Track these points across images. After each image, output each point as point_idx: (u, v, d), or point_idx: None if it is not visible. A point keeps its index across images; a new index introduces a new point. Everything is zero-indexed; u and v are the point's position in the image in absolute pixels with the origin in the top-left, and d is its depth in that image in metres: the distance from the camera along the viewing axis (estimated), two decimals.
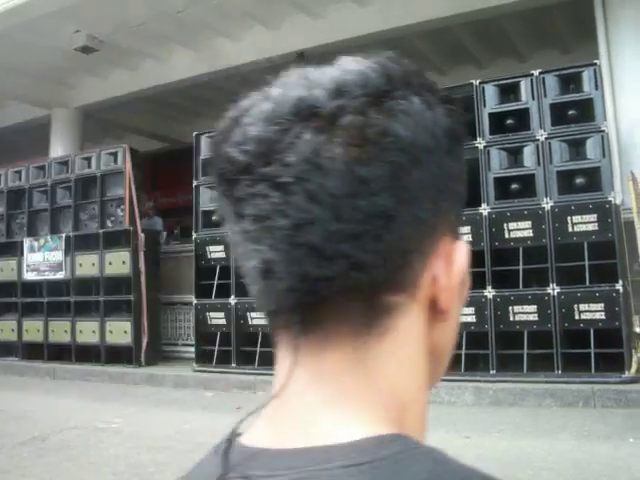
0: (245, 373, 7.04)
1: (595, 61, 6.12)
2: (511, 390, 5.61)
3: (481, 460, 3.90)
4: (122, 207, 8.62)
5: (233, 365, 7.26)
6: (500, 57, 11.65)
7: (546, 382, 5.63)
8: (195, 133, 7.94)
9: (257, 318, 7.15)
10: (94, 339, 8.51)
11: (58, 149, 12.47)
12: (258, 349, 7.14)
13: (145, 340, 8.23)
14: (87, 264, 8.71)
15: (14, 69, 11.01)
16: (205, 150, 7.83)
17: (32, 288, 9.33)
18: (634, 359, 5.53)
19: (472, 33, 10.63)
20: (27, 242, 9.35)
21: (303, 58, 10.35)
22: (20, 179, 9.73)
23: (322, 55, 8.06)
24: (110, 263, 8.49)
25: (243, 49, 10.44)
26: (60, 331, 8.87)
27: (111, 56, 10.78)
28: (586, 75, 6.01)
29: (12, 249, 9.63)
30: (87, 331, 8.61)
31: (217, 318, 7.48)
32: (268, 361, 6.97)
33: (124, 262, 8.38)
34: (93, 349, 8.58)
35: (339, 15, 9.54)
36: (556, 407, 5.37)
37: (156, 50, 10.87)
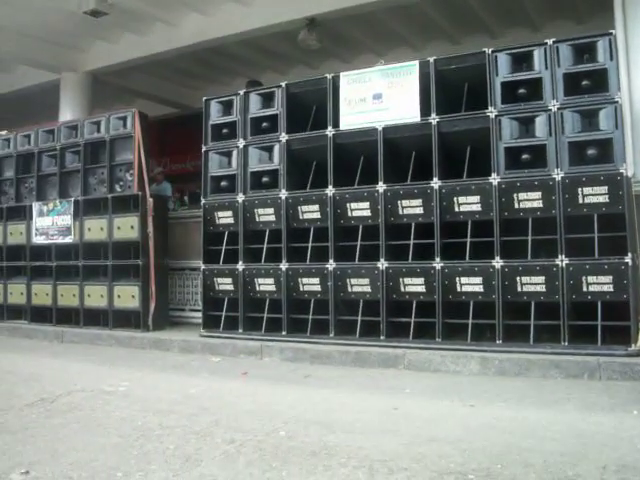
0: (252, 339, 7.05)
1: (611, 31, 6.01)
2: (517, 361, 5.60)
3: (484, 428, 3.92)
4: (131, 172, 8.59)
5: (240, 331, 7.28)
6: (513, 26, 11.56)
7: (552, 353, 5.62)
8: (205, 98, 7.88)
9: (265, 284, 7.18)
10: (102, 303, 8.55)
11: (67, 113, 12.48)
12: (265, 315, 7.16)
13: (153, 305, 8.26)
14: (96, 228, 8.71)
15: (23, 32, 10.98)
16: (214, 115, 7.79)
17: (41, 252, 9.35)
18: None
19: (485, 1, 10.51)
20: (36, 206, 9.35)
21: (314, 24, 10.28)
22: (29, 143, 9.68)
23: (332, 21, 8.09)
24: (119, 228, 8.49)
25: (253, 14, 10.38)
26: (68, 295, 8.90)
27: (121, 20, 10.73)
28: (601, 45, 5.91)
29: (21, 213, 9.65)
30: (95, 295, 8.64)
31: (225, 284, 7.48)
32: (275, 327, 7.03)
33: (132, 227, 8.38)
34: (101, 313, 8.62)
35: None
36: (561, 378, 5.36)
37: (166, 14, 10.81)
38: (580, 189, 5.79)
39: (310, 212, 7.04)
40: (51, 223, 9.16)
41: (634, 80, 7.21)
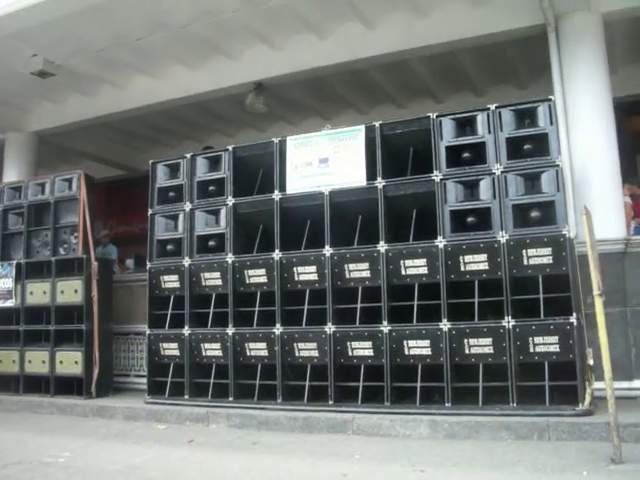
0: (198, 405, 6.91)
1: (550, 97, 6.20)
2: (466, 423, 5.58)
3: None
4: (76, 235, 8.46)
5: (186, 397, 7.12)
6: (457, 91, 11.82)
7: (501, 415, 5.62)
8: (151, 161, 7.86)
9: (211, 349, 7.07)
10: (44, 369, 8.29)
11: (11, 174, 12.25)
12: (212, 381, 7.03)
13: (96, 371, 8.04)
14: (38, 292, 8.51)
15: None
16: (161, 178, 7.75)
17: None
18: (587, 392, 5.55)
19: (429, 67, 10.76)
20: None
21: (261, 88, 10.38)
22: None
23: (279, 86, 8.18)
24: (62, 292, 8.32)
25: (201, 78, 10.42)
26: (8, 361, 8.61)
27: (68, 81, 10.66)
28: (541, 110, 6.10)
29: None
30: (36, 361, 8.38)
31: (170, 349, 7.34)
32: (221, 393, 6.91)
33: (76, 291, 8.21)
34: (42, 380, 8.35)
35: (298, 46, 9.57)
36: (511, 440, 5.36)
37: (114, 76, 10.78)
38: (525, 251, 5.88)
39: (257, 276, 6.99)
40: None
41: (573, 143, 7.40)
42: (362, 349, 6.36)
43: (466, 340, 5.94)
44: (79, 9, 8.09)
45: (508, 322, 5.79)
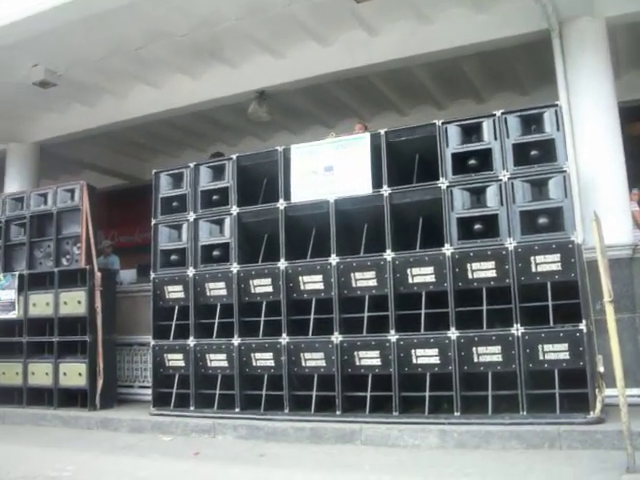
0: (204, 417, 6.85)
1: (556, 102, 6.17)
2: (476, 432, 5.52)
3: None
4: (78, 245, 8.42)
5: (192, 408, 7.06)
6: (460, 98, 11.84)
7: (511, 424, 5.55)
8: (154, 171, 7.81)
9: (216, 360, 7.01)
10: (47, 381, 8.22)
11: (13, 185, 12.23)
12: (217, 392, 6.97)
13: (100, 382, 7.98)
14: (41, 304, 8.46)
15: None
16: (164, 188, 7.71)
17: None
18: (598, 399, 5.49)
19: (431, 74, 10.78)
20: None
21: (264, 96, 10.37)
22: None
23: (282, 94, 8.17)
24: (65, 303, 8.26)
25: (202, 86, 10.42)
26: (11, 373, 8.55)
27: (69, 91, 10.65)
28: (547, 116, 6.06)
29: None
30: (40, 373, 8.32)
31: (175, 360, 7.28)
32: (227, 404, 6.85)
33: (80, 302, 8.15)
34: (46, 392, 8.28)
35: (300, 54, 9.58)
36: (522, 449, 5.29)
37: (115, 86, 10.78)
38: (533, 258, 5.83)
39: (262, 286, 6.94)
40: None
41: (579, 148, 7.39)
42: (369, 358, 6.30)
43: (475, 348, 5.88)
44: (78, 18, 8.09)
45: (517, 330, 5.74)
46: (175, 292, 7.44)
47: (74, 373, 8.08)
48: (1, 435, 7.46)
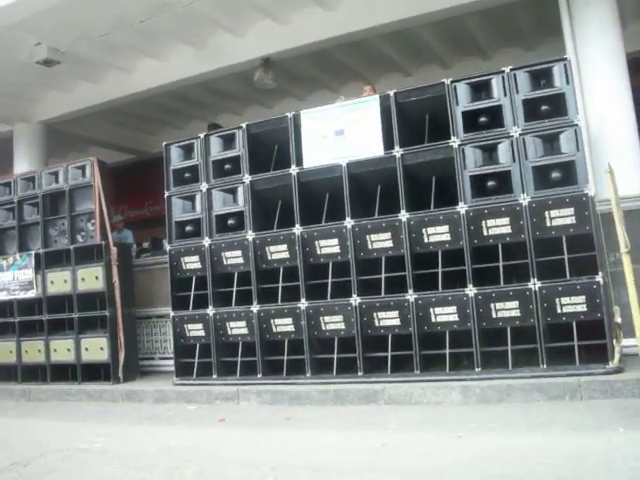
0: (227, 384, 6.94)
1: (565, 56, 6.14)
2: (498, 387, 5.59)
3: (476, 459, 3.88)
4: (92, 221, 8.47)
5: (214, 376, 7.15)
6: (464, 56, 11.78)
7: (532, 377, 5.62)
8: (164, 143, 7.81)
9: (237, 328, 7.08)
10: (70, 357, 8.35)
11: (22, 165, 12.29)
12: (239, 359, 7.06)
13: (122, 356, 8.10)
14: (59, 281, 8.55)
15: None
16: (175, 160, 7.73)
17: (2, 308, 9.11)
18: (616, 349, 5.55)
19: (435, 33, 10.72)
20: None
21: (268, 63, 10.34)
22: None
23: (286, 60, 8.14)
24: (83, 279, 8.34)
25: (207, 57, 10.40)
26: (33, 351, 8.68)
27: (74, 68, 10.65)
28: (556, 70, 6.02)
29: None
30: (62, 349, 8.44)
31: (195, 330, 7.35)
32: (250, 371, 6.93)
33: (97, 277, 8.24)
34: (69, 367, 8.42)
35: (304, 19, 9.53)
36: (543, 401, 5.35)
37: (119, 60, 10.77)
38: (547, 212, 5.84)
39: (278, 252, 6.98)
40: (12, 278, 8.97)
41: (589, 101, 7.37)
42: (389, 319, 6.35)
43: (493, 304, 5.92)
44: None
45: (534, 284, 5.77)
46: (192, 262, 7.49)
47: (96, 348, 8.19)
48: (29, 411, 7.57)
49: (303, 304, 6.70)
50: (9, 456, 5.07)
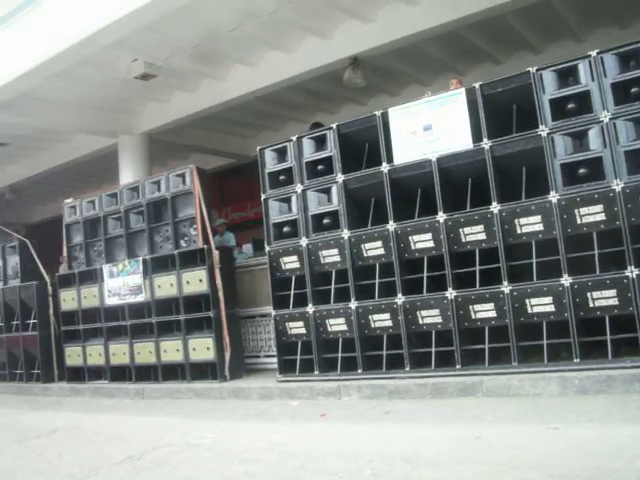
0: (329, 380, 7.10)
1: None
2: (597, 378, 5.49)
3: (571, 451, 3.86)
4: (194, 227, 8.80)
5: (316, 373, 7.32)
6: (556, 40, 11.51)
7: (633, 367, 5.47)
8: (259, 148, 8.01)
9: (336, 325, 7.22)
10: (178, 357, 8.72)
11: (127, 175, 12.85)
12: (340, 355, 7.20)
13: (228, 355, 8.40)
14: (165, 285, 8.93)
15: (80, 103, 11.45)
16: (270, 163, 7.94)
17: (115, 312, 9.61)
18: None
19: (524, 19, 10.53)
20: (106, 268, 9.63)
21: (357, 62, 10.43)
22: (94, 208, 10.02)
23: (375, 58, 8.19)
24: (187, 282, 8.68)
25: (297, 60, 10.59)
26: (145, 352, 9.11)
27: (170, 80, 11.07)
28: None
29: (93, 276, 9.95)
30: (171, 350, 8.82)
31: (296, 327, 7.54)
32: (350, 366, 7.06)
33: (201, 280, 8.55)
34: (178, 367, 8.81)
35: (389, 16, 9.59)
36: None
37: (212, 69, 11.11)
38: None
39: (373, 249, 7.08)
40: (122, 283, 9.41)
41: None
42: (485, 311, 6.34)
43: (589, 293, 5.82)
44: (173, 10, 8.37)
45: (631, 272, 5.62)
46: (290, 262, 7.67)
47: (202, 348, 8.51)
48: (143, 408, 7.98)
49: (400, 299, 6.78)
50: (124, 450, 5.39)
